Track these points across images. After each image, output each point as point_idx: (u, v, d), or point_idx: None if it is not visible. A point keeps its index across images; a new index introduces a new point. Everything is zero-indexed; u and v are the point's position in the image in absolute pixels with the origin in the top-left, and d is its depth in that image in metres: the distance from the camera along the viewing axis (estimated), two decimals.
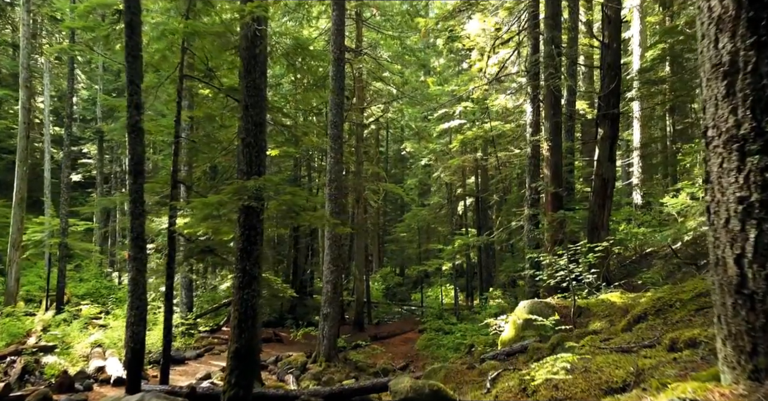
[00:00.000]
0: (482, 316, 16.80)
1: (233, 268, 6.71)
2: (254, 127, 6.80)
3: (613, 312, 7.50)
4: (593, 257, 8.14)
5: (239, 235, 6.66)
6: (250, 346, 6.45)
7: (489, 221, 25.15)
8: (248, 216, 6.58)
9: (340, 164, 14.33)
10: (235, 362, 6.36)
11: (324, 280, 14.03)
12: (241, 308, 6.49)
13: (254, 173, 6.66)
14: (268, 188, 6.46)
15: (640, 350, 3.87)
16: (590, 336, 5.42)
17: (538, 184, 12.42)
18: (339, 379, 12.93)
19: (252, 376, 6.43)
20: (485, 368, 6.96)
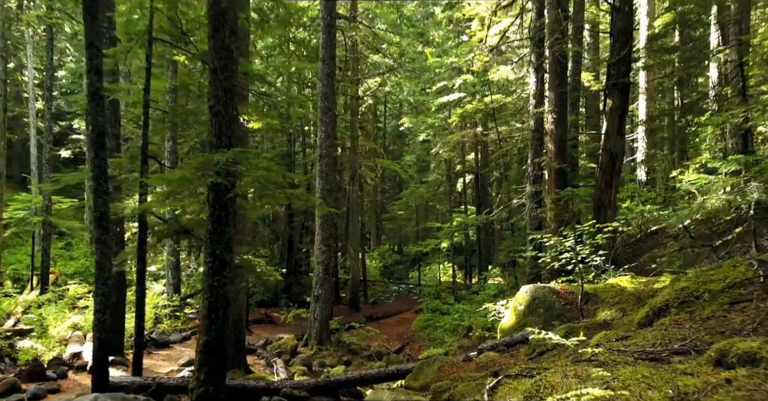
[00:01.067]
0: (481, 297, 16.24)
1: (205, 252, 6.04)
2: (224, 93, 6.02)
3: (624, 299, 6.83)
4: (601, 238, 7.44)
5: (208, 215, 5.94)
6: (221, 339, 5.80)
7: (489, 198, 24.43)
8: (218, 194, 5.85)
9: (332, 139, 13.54)
10: (204, 356, 5.71)
11: (315, 260, 13.39)
12: (211, 296, 5.81)
13: (224, 145, 5.90)
14: (240, 163, 5.71)
15: (671, 357, 3.18)
16: (603, 331, 4.74)
17: (541, 159, 11.66)
18: (331, 363, 12.41)
19: (223, 371, 5.80)
20: (483, 361, 6.32)
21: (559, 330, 6.09)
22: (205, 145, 15.62)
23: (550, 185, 11.54)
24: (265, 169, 5.82)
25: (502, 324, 7.96)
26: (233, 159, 5.67)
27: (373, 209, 34.44)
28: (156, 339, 12.49)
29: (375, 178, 29.25)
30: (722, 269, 4.72)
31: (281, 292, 23.69)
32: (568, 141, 12.07)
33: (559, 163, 11.31)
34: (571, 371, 3.26)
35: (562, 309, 7.23)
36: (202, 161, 5.56)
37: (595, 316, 6.69)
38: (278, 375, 10.83)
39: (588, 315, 6.81)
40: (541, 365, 4.71)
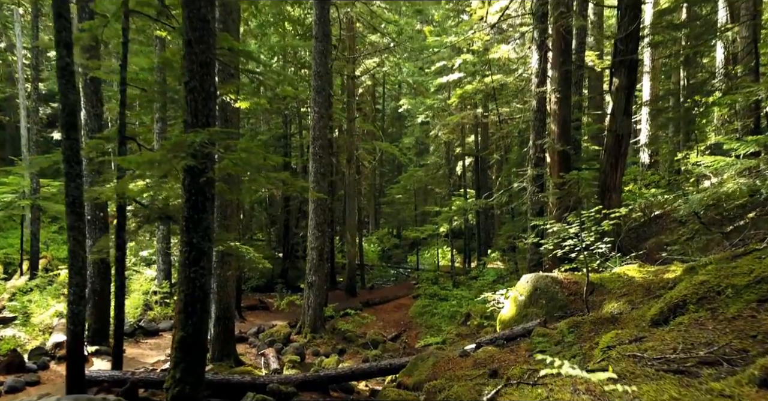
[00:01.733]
0: (479, 282, 15.86)
1: (181, 241, 5.58)
2: (200, 68, 5.49)
3: (632, 290, 6.40)
4: (607, 224, 6.98)
5: (184, 201, 5.47)
6: (198, 334, 5.37)
7: (489, 181, 23.95)
8: (194, 179, 5.37)
9: (326, 120, 13.00)
10: (180, 353, 5.29)
11: (309, 246, 12.95)
12: (188, 289, 5.37)
13: (201, 124, 5.40)
14: (216, 144, 5.22)
15: (700, 369, 2.74)
16: (614, 331, 4.30)
17: (544, 141, 11.15)
18: (325, 352, 12.06)
19: (201, 370, 5.39)
20: (481, 357, 5.92)
21: (562, 324, 5.66)
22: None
23: (552, 168, 11.05)
24: (245, 150, 5.32)
25: (502, 315, 7.55)
26: (209, 140, 5.18)
27: (372, 192, 33.94)
28: (144, 327, 12.12)
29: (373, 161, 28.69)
30: (746, 262, 4.27)
31: (277, 277, 23.35)
32: (571, 122, 11.54)
33: (563, 145, 10.81)
34: (581, 384, 2.82)
35: (565, 299, 6.81)
36: (174, 142, 5.06)
37: (601, 308, 6.27)
38: (270, 365, 10.47)
39: (593, 307, 6.39)
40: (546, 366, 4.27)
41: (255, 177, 5.55)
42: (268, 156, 5.46)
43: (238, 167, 5.42)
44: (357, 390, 7.34)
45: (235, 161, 5.27)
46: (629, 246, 10.74)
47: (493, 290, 14.33)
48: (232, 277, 10.15)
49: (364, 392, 7.41)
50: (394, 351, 12.75)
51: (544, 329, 5.91)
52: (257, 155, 5.39)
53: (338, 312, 15.27)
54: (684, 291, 4.31)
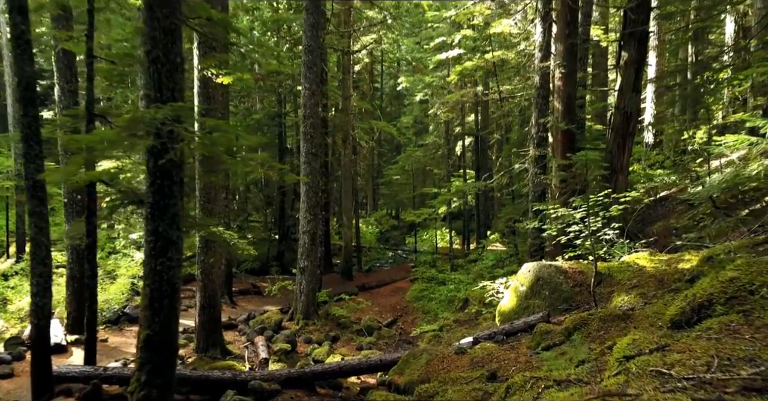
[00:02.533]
0: (478, 266, 15.40)
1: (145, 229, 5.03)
2: (163, 35, 4.87)
3: (643, 281, 5.88)
4: (616, 209, 6.43)
5: (148, 185, 4.91)
6: (166, 333, 4.86)
7: (489, 162, 23.34)
8: (159, 160, 4.79)
9: (317, 97, 12.34)
10: (146, 353, 4.79)
11: (301, 230, 12.42)
12: (154, 283, 4.84)
13: (166, 99, 4.80)
14: (183, 122, 4.63)
15: (749, 397, 2.22)
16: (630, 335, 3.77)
17: (547, 120, 10.53)
18: (317, 339, 11.63)
19: (171, 371, 4.89)
20: (479, 355, 5.42)
21: (568, 321, 5.15)
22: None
23: (556, 148, 10.47)
24: (215, 129, 4.73)
25: (501, 306, 7.05)
26: (174, 117, 4.59)
27: (370, 173, 33.32)
28: (130, 314, 11.66)
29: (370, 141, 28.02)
30: None
31: (273, 259, 22.91)
32: (576, 99, 10.91)
33: (567, 124, 10.21)
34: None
35: (569, 291, 6.30)
36: (131, 119, 4.47)
37: (609, 301, 5.76)
38: (259, 354, 10.03)
39: (601, 299, 5.87)
40: (550, 374, 3.78)
41: (225, 159, 4.97)
42: (242, 136, 4.87)
43: (206, 148, 4.83)
44: (346, 386, 6.88)
45: (204, 141, 4.68)
46: (635, 230, 10.22)
47: (493, 277, 13.86)
48: (218, 263, 9.64)
49: (354, 387, 6.96)
50: (390, 338, 12.33)
51: (547, 325, 5.41)
52: (228, 134, 4.80)
53: (333, 296, 14.83)
54: (709, 289, 3.77)
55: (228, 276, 14.46)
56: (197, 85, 9.23)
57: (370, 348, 11.46)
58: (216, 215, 9.38)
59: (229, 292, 14.43)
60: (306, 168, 12.13)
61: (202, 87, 9.22)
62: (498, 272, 14.01)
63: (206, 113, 9.15)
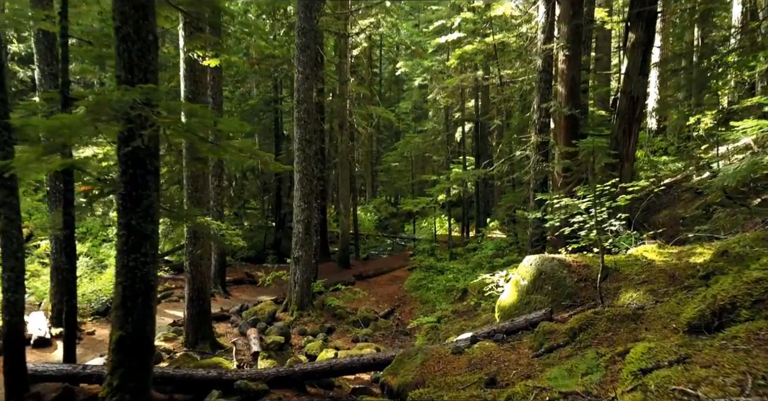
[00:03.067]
0: (478, 256, 15.07)
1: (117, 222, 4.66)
2: (134, 10, 4.44)
3: (653, 276, 5.52)
4: (624, 199, 6.05)
5: (120, 175, 4.52)
6: (141, 334, 4.51)
7: (489, 148, 22.90)
8: (132, 148, 4.40)
9: (311, 81, 11.89)
10: (119, 356, 4.45)
11: (294, 219, 12.06)
12: (127, 280, 4.48)
13: (138, 80, 4.40)
14: (155, 105, 4.22)
15: None
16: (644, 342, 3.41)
17: (550, 105, 10.10)
18: (312, 331, 11.35)
19: (146, 375, 4.56)
20: (477, 355, 5.09)
21: (573, 320, 4.80)
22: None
23: (559, 134, 10.06)
24: (191, 113, 4.33)
25: (502, 301, 6.70)
26: (144, 100, 4.18)
27: (368, 159, 32.88)
28: None
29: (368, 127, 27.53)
30: None
31: (270, 247, 22.56)
32: (581, 83, 10.47)
33: (571, 109, 9.79)
34: None
35: (574, 286, 5.95)
36: (96, 102, 4.06)
37: (616, 298, 5.41)
38: (251, 347, 9.74)
39: (607, 295, 5.52)
40: (555, 383, 3.43)
41: (201, 147, 4.57)
42: (220, 120, 4.47)
43: (180, 135, 4.43)
44: (338, 385, 6.58)
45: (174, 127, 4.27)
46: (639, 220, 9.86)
47: (492, 267, 13.55)
48: (207, 255, 9.29)
49: (346, 386, 6.65)
50: (386, 330, 12.04)
51: (550, 324, 5.06)
52: (205, 119, 4.40)
53: (329, 286, 14.52)
54: (732, 290, 3.41)
55: (221, 265, 14.15)
56: (183, 68, 8.80)
57: (365, 340, 11.17)
58: (205, 205, 9.01)
59: (223, 282, 14.13)
60: (300, 155, 11.74)
61: (188, 70, 8.78)
62: (498, 262, 13.69)
63: (193, 97, 8.74)
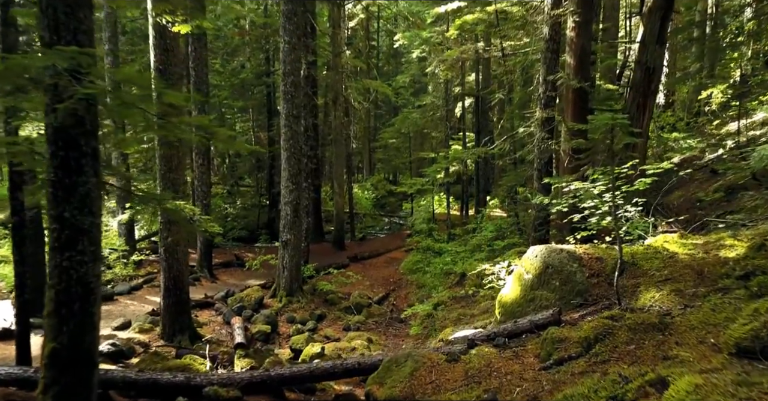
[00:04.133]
0: (477, 238, 14.39)
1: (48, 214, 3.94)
2: None
3: (677, 272, 4.82)
4: (644, 183, 5.31)
5: (49, 158, 3.77)
6: (80, 345, 3.83)
7: (489, 124, 22.04)
8: (61, 124, 3.64)
9: (299, 52, 11.02)
10: (52, 372, 3.77)
11: (282, 201, 11.34)
12: (60, 283, 3.77)
13: (66, 43, 3.61)
14: (84, 73, 3.45)
15: None
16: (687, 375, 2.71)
17: (557, 77, 9.26)
18: (301, 318, 10.74)
19: (87, 391, 3.90)
20: (475, 365, 4.42)
21: (587, 328, 4.11)
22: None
23: (566, 109, 9.25)
24: (129, 79, 3.54)
25: (503, 295, 6.02)
26: (71, 67, 3.40)
27: (366, 136, 31.99)
28: None
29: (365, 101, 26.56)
30: None
31: (263, 226, 21.89)
32: (591, 53, 9.61)
33: (580, 81, 8.95)
34: None
35: (585, 282, 5.25)
36: (4, 69, 3.28)
37: (635, 298, 4.71)
38: (234, 338, 9.13)
39: (625, 294, 4.82)
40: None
41: (138, 121, 3.80)
42: (166, 92, 3.69)
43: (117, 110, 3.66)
44: (321, 388, 5.95)
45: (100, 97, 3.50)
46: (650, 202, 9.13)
47: (492, 250, 12.87)
48: (184, 241, 8.59)
49: (330, 390, 6.02)
50: (380, 316, 11.44)
51: (559, 330, 4.38)
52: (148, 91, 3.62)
53: (321, 270, 13.89)
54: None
55: (207, 248, 13.48)
56: (152, 36, 7.95)
57: (357, 328, 10.58)
58: (180, 186, 8.27)
59: (209, 265, 13.48)
60: (287, 132, 10.95)
61: (158, 38, 7.93)
62: (498, 245, 13.02)
63: (164, 68, 7.92)
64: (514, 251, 10.96)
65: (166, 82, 7.95)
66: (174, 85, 7.96)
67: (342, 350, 8.25)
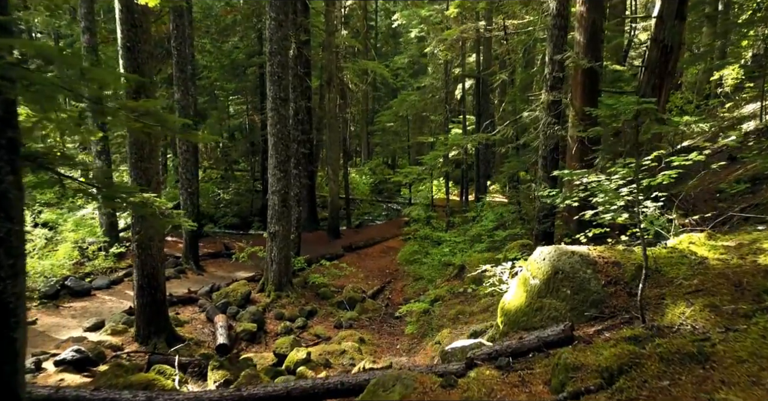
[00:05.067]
0: (477, 228, 13.72)
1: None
2: None
3: (708, 281, 4.15)
4: (667, 177, 4.60)
5: None
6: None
7: (491, 106, 21.21)
8: None
9: (286, 30, 10.22)
10: None
11: (270, 190, 10.65)
12: None
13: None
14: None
15: None
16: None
17: (565, 56, 8.49)
18: (290, 315, 10.15)
19: None
20: (474, 392, 3.77)
21: (608, 354, 3.45)
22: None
23: (575, 91, 8.50)
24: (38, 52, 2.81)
25: (506, 302, 5.36)
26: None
27: (364, 119, 31.14)
28: (72, 287, 10.07)
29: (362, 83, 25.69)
30: None
31: (257, 213, 21.20)
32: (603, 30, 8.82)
33: (591, 60, 8.19)
34: None
35: (601, 291, 4.58)
36: None
37: (661, 313, 4.05)
38: (217, 338, 8.55)
39: (648, 306, 4.16)
40: None
41: (49, 106, 3.08)
42: (86, 69, 2.97)
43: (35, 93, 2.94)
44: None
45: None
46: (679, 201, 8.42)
47: (493, 242, 12.21)
48: (157, 235, 7.91)
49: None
50: (374, 312, 10.85)
51: (573, 352, 3.72)
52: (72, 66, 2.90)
53: (312, 263, 13.23)
54: None
55: (193, 237, 12.82)
56: (118, 10, 7.16)
57: (350, 325, 9.99)
58: (153, 176, 7.56)
59: (195, 256, 12.83)
60: (274, 116, 10.21)
61: (125, 12, 7.15)
62: (499, 235, 12.35)
63: (132, 45, 7.15)
64: (516, 244, 10.30)
65: (134, 61, 7.23)
66: (144, 64, 7.20)
67: (331, 354, 7.64)
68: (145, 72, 7.22)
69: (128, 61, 7.11)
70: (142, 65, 7.17)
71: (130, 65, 7.11)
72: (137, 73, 7.14)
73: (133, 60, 7.12)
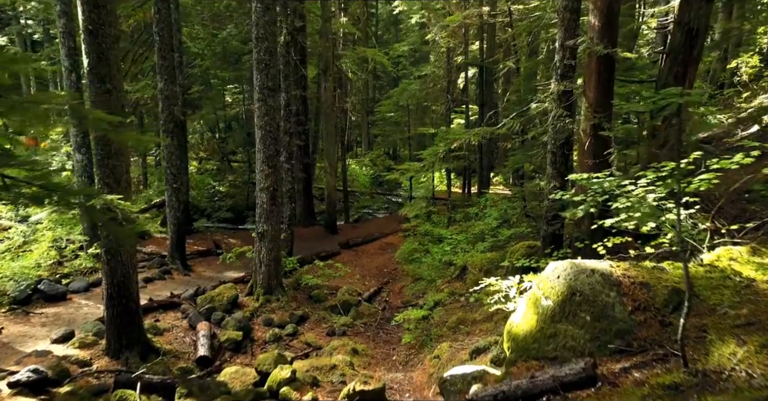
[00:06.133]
0: (480, 226, 12.99)
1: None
2: None
3: (760, 311, 3.43)
4: (707, 183, 3.86)
5: None
6: None
7: (494, 96, 20.36)
8: None
9: (273, 13, 9.42)
10: None
11: (257, 187, 9.93)
12: None
13: None
14: None
15: None
16: None
17: (578, 41, 7.70)
18: (279, 321, 9.47)
19: None
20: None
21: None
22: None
23: (589, 81, 7.71)
24: None
25: (514, 325, 4.65)
26: None
27: (364, 109, 30.31)
28: (46, 291, 9.39)
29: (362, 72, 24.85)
30: None
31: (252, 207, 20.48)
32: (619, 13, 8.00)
33: (606, 46, 7.39)
34: None
35: (628, 319, 3.87)
36: None
37: (706, 352, 3.33)
38: (197, 350, 7.89)
39: (687, 340, 3.44)
40: None
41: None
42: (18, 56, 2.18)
43: None
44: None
45: None
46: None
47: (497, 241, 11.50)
48: (131, 238, 7.21)
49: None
50: (370, 317, 10.19)
51: (596, 399, 3.01)
52: None
53: (307, 262, 12.53)
54: None
55: (180, 235, 12.12)
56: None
57: (344, 332, 9.33)
58: (122, 175, 6.83)
59: (182, 256, 12.14)
60: (261, 107, 9.47)
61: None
62: (503, 234, 11.63)
63: (94, 28, 6.40)
64: (522, 246, 9.57)
65: (98, 46, 6.48)
66: (109, 49, 6.45)
67: (320, 370, 6.97)
68: (110, 58, 6.48)
69: (91, 47, 6.36)
70: (106, 51, 6.42)
71: (93, 51, 6.36)
72: (101, 60, 6.41)
73: (96, 45, 6.37)
